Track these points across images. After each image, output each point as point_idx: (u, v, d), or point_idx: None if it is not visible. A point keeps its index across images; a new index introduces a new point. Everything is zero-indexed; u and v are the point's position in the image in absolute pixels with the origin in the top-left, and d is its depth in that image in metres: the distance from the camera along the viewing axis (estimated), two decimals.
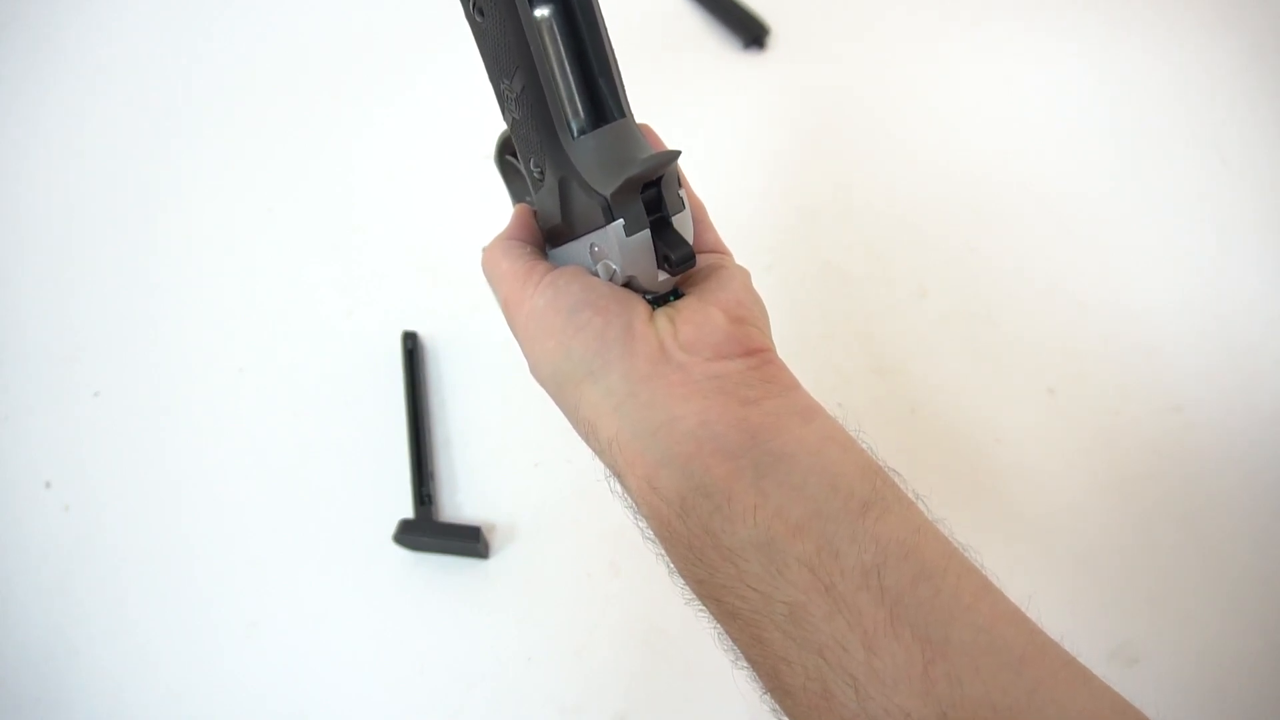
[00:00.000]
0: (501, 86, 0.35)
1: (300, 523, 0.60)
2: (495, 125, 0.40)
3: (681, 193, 0.35)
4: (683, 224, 0.35)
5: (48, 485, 0.62)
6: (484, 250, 0.40)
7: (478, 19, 0.34)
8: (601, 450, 0.33)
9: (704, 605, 0.31)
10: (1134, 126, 0.74)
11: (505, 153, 0.44)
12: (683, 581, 0.32)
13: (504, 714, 0.54)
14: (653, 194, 0.34)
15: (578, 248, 0.36)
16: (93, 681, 0.56)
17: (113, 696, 0.55)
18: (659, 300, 0.36)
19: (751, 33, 0.78)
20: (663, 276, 0.35)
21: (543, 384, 0.36)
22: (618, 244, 0.33)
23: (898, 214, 0.70)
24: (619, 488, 0.34)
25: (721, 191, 0.70)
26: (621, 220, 0.33)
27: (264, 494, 0.61)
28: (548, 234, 0.39)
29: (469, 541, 0.56)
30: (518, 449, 0.62)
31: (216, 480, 0.62)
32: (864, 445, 0.33)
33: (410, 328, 0.66)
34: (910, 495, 0.31)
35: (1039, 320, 0.66)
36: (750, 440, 0.30)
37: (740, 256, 0.40)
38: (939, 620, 0.27)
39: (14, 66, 0.81)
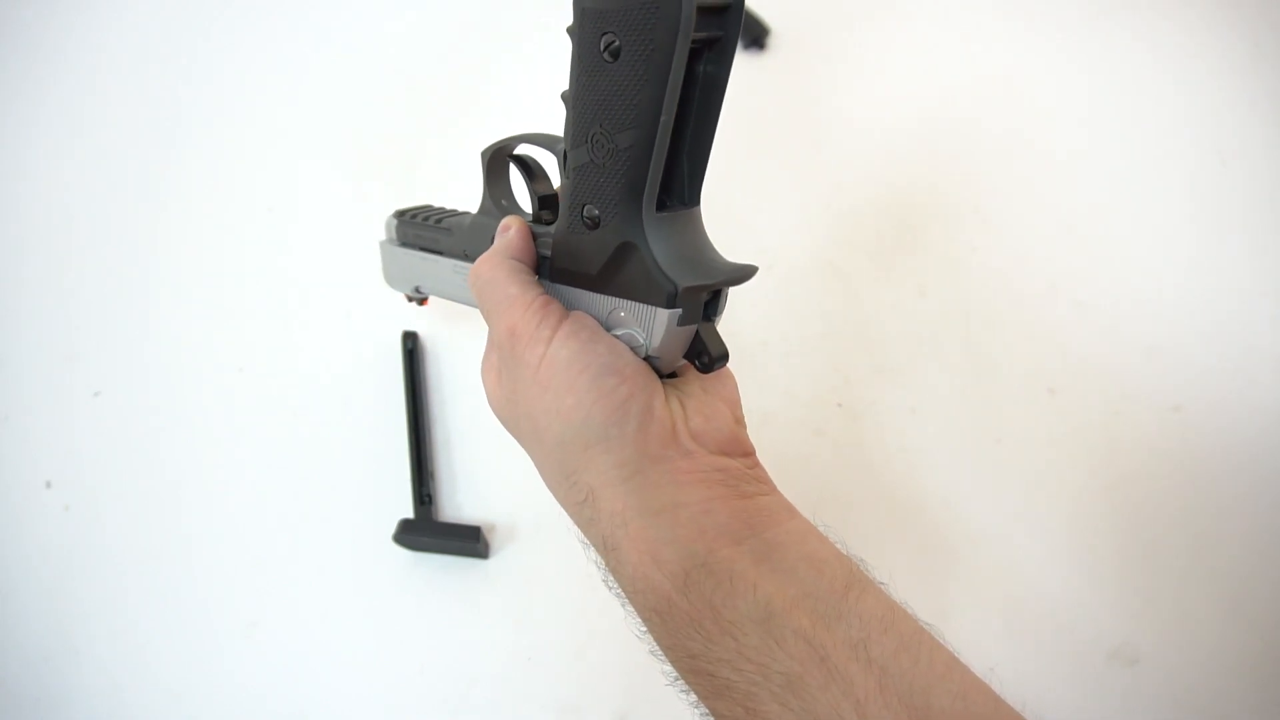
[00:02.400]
0: (593, 129, 0.33)
1: (300, 523, 0.60)
2: (496, 128, 0.40)
3: (726, 299, 0.36)
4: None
5: (48, 485, 0.62)
6: (483, 262, 0.38)
7: (606, 59, 0.31)
8: (596, 519, 0.33)
9: (692, 683, 0.32)
10: (1134, 127, 0.74)
11: (505, 158, 0.43)
12: (665, 661, 0.33)
13: (504, 714, 0.54)
14: (710, 297, 0.35)
15: (595, 301, 0.36)
16: (93, 681, 0.56)
17: (113, 696, 0.55)
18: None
19: (751, 33, 0.78)
20: (680, 363, 0.36)
21: (534, 432, 0.35)
22: (664, 329, 0.34)
23: (898, 214, 0.70)
24: (597, 556, 0.35)
25: (722, 192, 0.71)
26: (680, 310, 0.34)
27: (264, 494, 0.61)
28: (558, 270, 0.38)
29: (469, 541, 0.56)
30: (518, 449, 0.61)
31: (216, 480, 0.62)
32: (835, 539, 0.36)
33: (410, 328, 0.66)
34: (877, 579, 0.34)
35: (1039, 320, 0.66)
36: (748, 529, 0.32)
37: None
38: (921, 688, 0.29)
39: (14, 67, 0.81)
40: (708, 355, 0.35)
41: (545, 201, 0.41)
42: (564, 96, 0.35)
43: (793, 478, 0.61)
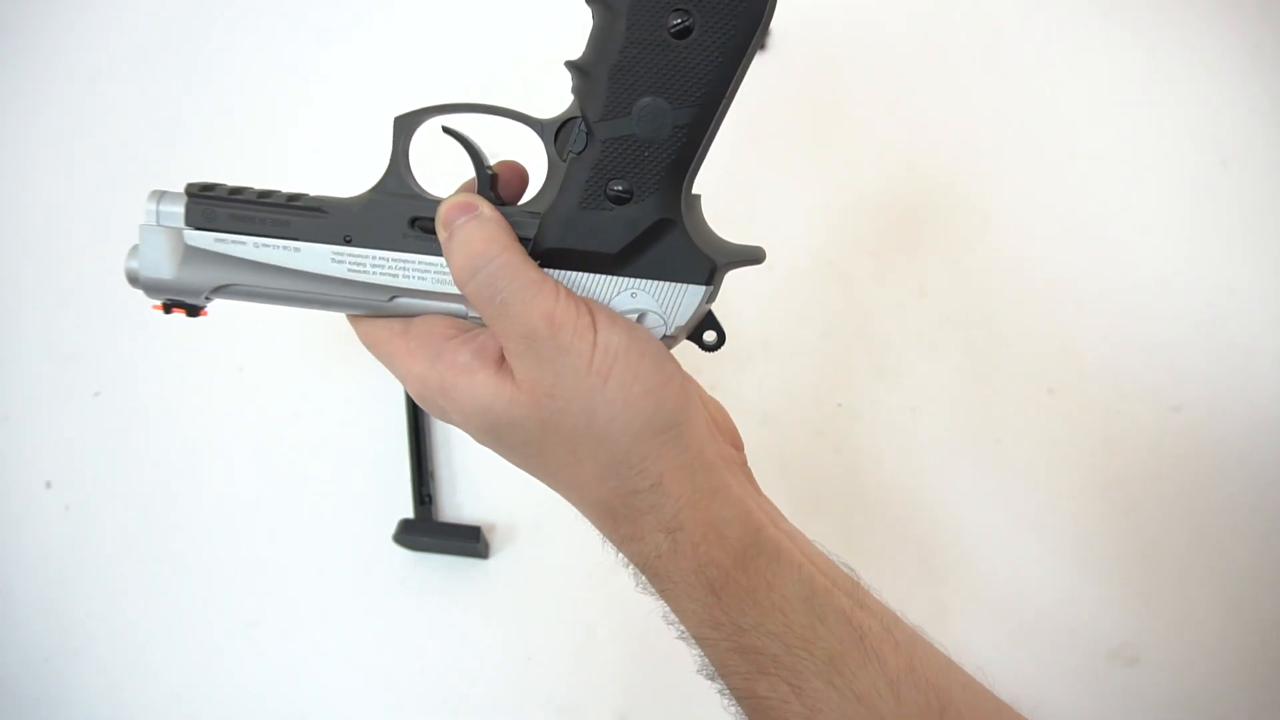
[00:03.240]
0: (643, 101, 0.33)
1: (300, 523, 0.60)
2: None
3: None
4: None
5: (48, 485, 0.62)
6: (490, 243, 0.34)
7: (670, 37, 0.32)
8: (660, 505, 0.33)
9: (735, 665, 0.32)
10: (1134, 127, 0.74)
11: (414, 130, 0.39)
12: (694, 645, 0.34)
13: (504, 713, 0.54)
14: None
15: (602, 283, 0.35)
16: (93, 681, 0.56)
17: (113, 696, 0.55)
18: None
19: None
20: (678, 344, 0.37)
21: (589, 426, 0.33)
22: (695, 307, 0.35)
23: (898, 214, 0.70)
24: (639, 547, 0.34)
25: (722, 192, 0.70)
26: (711, 288, 0.35)
27: (264, 494, 0.61)
28: (551, 252, 0.35)
29: (469, 541, 0.56)
30: None
31: (216, 480, 0.62)
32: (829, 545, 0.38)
33: None
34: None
35: (1039, 320, 0.66)
36: (769, 518, 0.34)
37: None
38: (940, 673, 0.31)
39: (13, 66, 0.81)
40: (717, 331, 0.36)
41: (494, 181, 0.38)
42: (578, 65, 0.34)
43: (793, 478, 0.62)
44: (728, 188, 0.70)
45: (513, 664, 0.55)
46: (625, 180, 0.34)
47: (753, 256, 0.36)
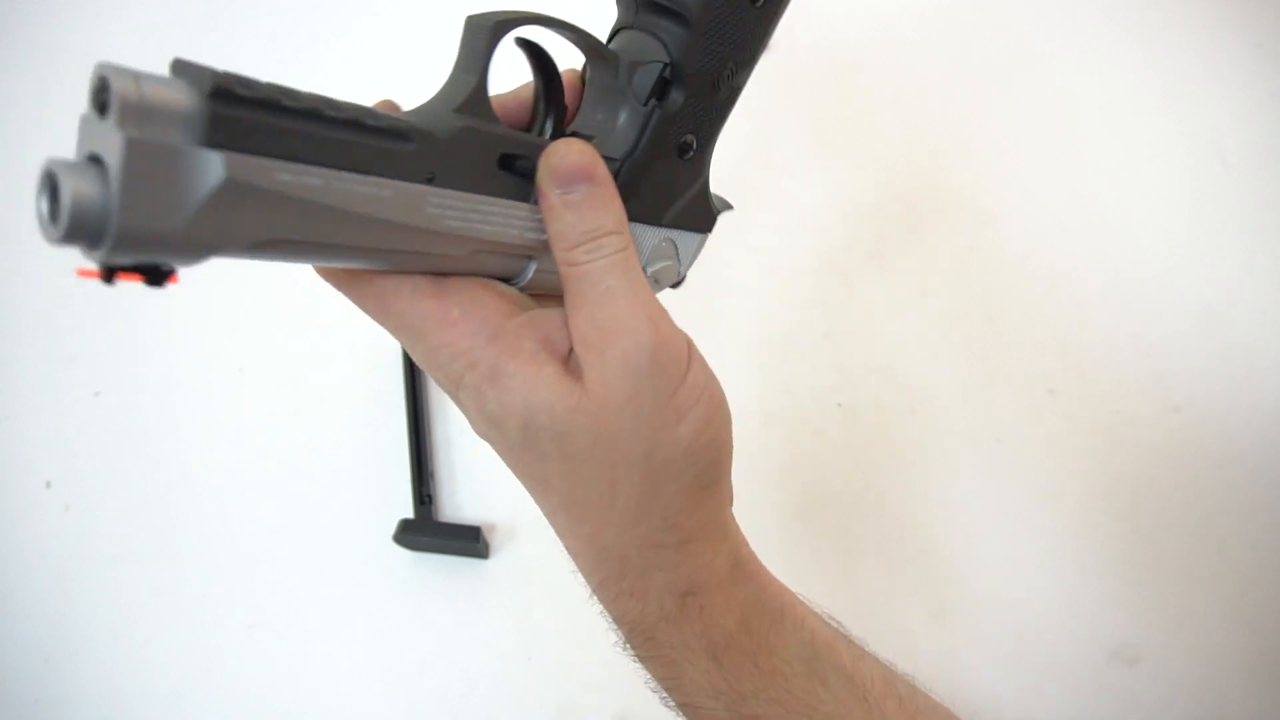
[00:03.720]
0: (728, 63, 0.34)
1: (300, 523, 0.60)
2: None
3: None
4: None
5: (48, 485, 0.62)
6: (617, 225, 0.29)
7: (749, 1, 0.33)
8: (679, 563, 0.30)
9: None
10: (1134, 127, 0.74)
11: (495, 42, 0.30)
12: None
13: (504, 714, 0.54)
14: None
15: (648, 233, 0.35)
16: (93, 681, 0.56)
17: (113, 696, 0.55)
18: None
19: None
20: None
21: (644, 460, 0.29)
22: (699, 254, 0.38)
23: (899, 214, 0.70)
24: (637, 605, 0.31)
25: (722, 190, 0.70)
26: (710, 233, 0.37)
27: (264, 494, 0.61)
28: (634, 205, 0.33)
29: (469, 541, 0.56)
30: None
31: (216, 480, 0.62)
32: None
33: None
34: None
35: (1039, 320, 0.66)
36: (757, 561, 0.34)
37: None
38: None
39: (14, 66, 0.81)
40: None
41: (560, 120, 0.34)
42: (674, 9, 0.33)
43: (793, 478, 0.62)
44: (729, 187, 0.70)
45: (513, 664, 0.55)
46: (695, 134, 0.35)
47: (727, 205, 0.39)
